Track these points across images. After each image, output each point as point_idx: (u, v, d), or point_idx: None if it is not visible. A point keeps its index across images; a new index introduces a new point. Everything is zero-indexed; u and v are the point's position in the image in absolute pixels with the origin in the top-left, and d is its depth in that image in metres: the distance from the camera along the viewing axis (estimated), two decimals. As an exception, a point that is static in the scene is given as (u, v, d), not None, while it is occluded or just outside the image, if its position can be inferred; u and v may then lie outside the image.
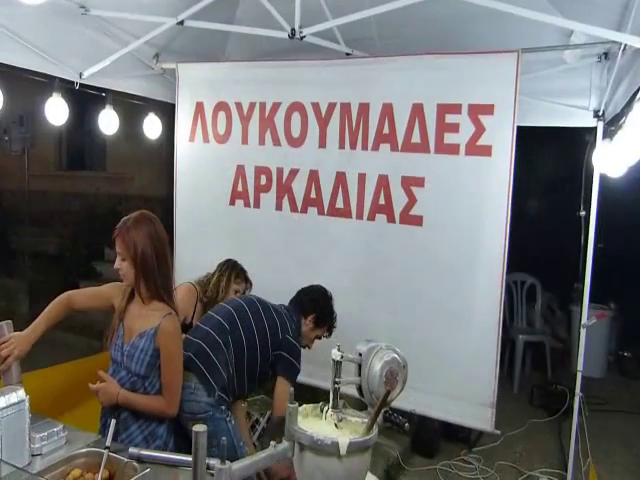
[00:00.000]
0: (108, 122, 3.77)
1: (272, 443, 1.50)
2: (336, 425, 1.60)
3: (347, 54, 3.41)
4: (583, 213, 3.65)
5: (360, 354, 1.69)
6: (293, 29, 2.80)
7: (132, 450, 1.83)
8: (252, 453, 2.82)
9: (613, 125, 3.42)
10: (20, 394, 1.81)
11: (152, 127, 4.10)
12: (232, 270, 3.20)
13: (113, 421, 1.91)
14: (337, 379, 1.62)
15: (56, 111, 3.37)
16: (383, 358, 1.67)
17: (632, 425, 4.60)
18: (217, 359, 2.45)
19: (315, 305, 2.83)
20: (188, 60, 3.81)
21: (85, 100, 4.27)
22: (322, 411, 1.65)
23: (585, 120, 3.45)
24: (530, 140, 3.58)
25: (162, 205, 2.12)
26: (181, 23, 3.16)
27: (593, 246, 3.41)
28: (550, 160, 5.68)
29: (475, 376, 3.04)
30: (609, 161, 3.10)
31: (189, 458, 1.85)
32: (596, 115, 3.39)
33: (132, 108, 4.22)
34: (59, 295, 2.22)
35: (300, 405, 1.56)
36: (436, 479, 3.70)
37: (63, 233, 7.52)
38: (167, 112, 4.21)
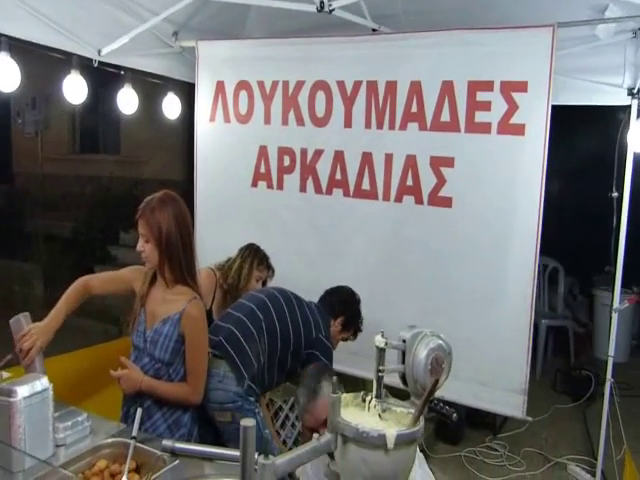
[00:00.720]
0: (127, 101, 3.67)
1: (315, 435, 1.44)
2: (380, 416, 1.53)
3: (373, 30, 3.30)
4: (616, 194, 3.55)
5: (404, 340, 1.62)
6: (322, 1, 2.69)
7: (166, 442, 1.77)
8: (277, 443, 2.78)
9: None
10: (44, 382, 1.77)
11: (171, 107, 4.01)
12: (255, 256, 3.12)
13: (139, 410, 1.86)
14: (381, 367, 1.55)
15: (75, 89, 3.26)
16: (428, 345, 1.59)
17: (658, 410, 4.52)
18: (249, 347, 2.38)
19: (344, 307, 2.77)
20: (208, 38, 3.70)
21: (102, 79, 4.19)
22: (364, 401, 1.58)
23: (619, 98, 3.33)
24: (560, 119, 3.48)
25: (179, 189, 2.06)
26: (201, -2, 3.06)
27: (626, 229, 3.32)
28: (579, 140, 5.54)
29: (507, 361, 2.97)
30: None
31: (224, 451, 1.80)
32: (630, 93, 3.26)
33: (150, 88, 4.12)
34: (75, 280, 2.15)
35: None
36: (461, 466, 3.65)
37: (77, 217, 7.49)
38: (186, 92, 4.12)
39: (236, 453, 1.55)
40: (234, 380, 2.30)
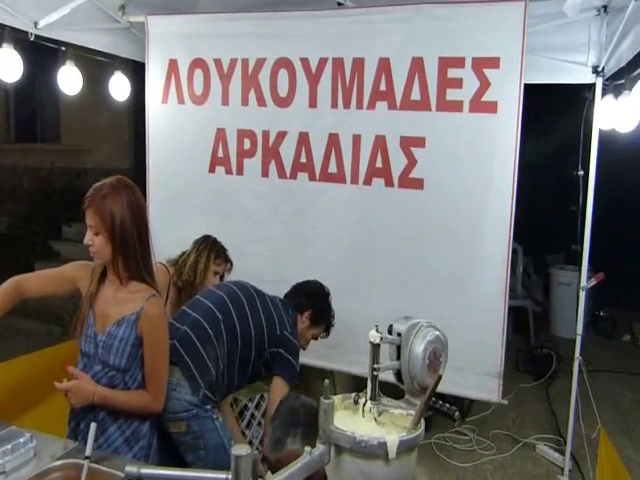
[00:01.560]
0: (69, 80, 3.35)
1: (306, 449, 1.29)
2: (376, 420, 1.39)
3: (339, 4, 3.13)
4: (581, 173, 3.55)
5: (399, 334, 1.48)
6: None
7: (130, 469, 1.56)
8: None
9: (616, 80, 3.31)
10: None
11: (119, 88, 3.71)
12: (211, 249, 2.88)
13: (93, 425, 1.61)
14: (376, 365, 1.41)
15: (8, 65, 2.90)
16: (426, 338, 1.46)
17: (615, 384, 4.65)
18: (206, 354, 2.16)
19: (311, 300, 2.57)
20: (158, 13, 3.43)
21: (40, 57, 3.83)
22: (356, 403, 1.44)
23: (584, 76, 3.31)
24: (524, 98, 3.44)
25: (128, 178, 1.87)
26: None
27: (592, 207, 3.32)
28: (544, 118, 5.57)
29: (482, 346, 2.91)
30: (619, 116, 2.98)
31: (199, 474, 1.61)
32: (595, 71, 3.25)
33: (95, 67, 3.80)
34: (6, 281, 1.88)
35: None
36: (431, 453, 3.60)
37: (15, 211, 6.98)
38: (135, 71, 3.83)
39: (212, 475, 1.38)
40: (188, 389, 2.09)
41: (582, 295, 3.37)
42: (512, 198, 2.84)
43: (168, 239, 3.37)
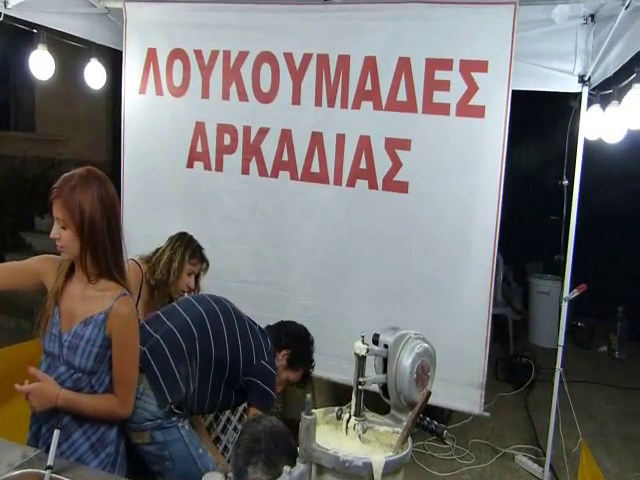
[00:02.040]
0: (42, 65, 3.18)
1: (285, 469, 1.19)
2: (360, 437, 1.30)
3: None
4: (566, 182, 3.51)
5: (386, 345, 1.39)
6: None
7: None
8: (217, 458, 2.47)
9: (602, 90, 3.28)
10: None
11: (95, 76, 3.56)
12: (187, 247, 2.73)
13: (56, 432, 1.51)
14: (361, 379, 1.32)
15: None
16: (414, 350, 1.39)
17: (593, 395, 4.63)
18: (177, 369, 2.02)
19: (291, 341, 2.39)
20: (137, -1, 3.30)
21: (12, 41, 3.64)
22: (339, 418, 1.34)
23: (570, 85, 3.28)
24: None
25: (103, 171, 1.75)
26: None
27: (576, 217, 3.29)
28: (524, 126, 5.54)
29: (465, 356, 2.84)
30: (606, 126, 2.95)
31: None
32: (581, 80, 3.22)
33: (70, 53, 3.62)
34: None
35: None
36: (410, 462, 3.48)
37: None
38: (112, 59, 3.68)
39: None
40: (154, 400, 1.96)
41: (564, 306, 3.33)
42: (498, 206, 2.78)
43: (141, 235, 3.27)
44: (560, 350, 3.31)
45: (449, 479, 3.41)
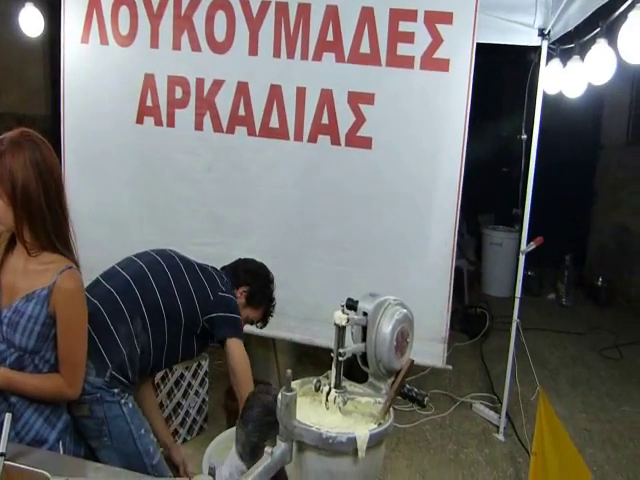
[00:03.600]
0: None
1: (267, 450, 1.14)
2: (340, 410, 1.27)
3: (283, -60, 2.83)
4: (525, 137, 3.53)
5: (365, 313, 1.35)
6: None
7: None
8: (168, 439, 2.39)
9: (563, 44, 3.27)
10: None
11: (31, 22, 3.25)
12: None
13: (8, 416, 1.40)
14: (341, 350, 1.27)
15: None
16: (394, 317, 1.34)
17: (543, 342, 4.83)
18: (116, 330, 1.93)
19: (250, 278, 2.34)
20: None
21: None
22: (318, 390, 1.30)
23: (530, 38, 3.25)
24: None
25: (40, 127, 1.58)
26: None
27: (534, 171, 3.32)
28: (483, 80, 5.52)
29: (428, 310, 2.85)
30: (567, 81, 2.95)
31: None
32: (541, 33, 3.19)
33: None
34: None
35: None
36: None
37: None
38: (50, 4, 3.36)
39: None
40: (93, 369, 1.87)
41: (522, 259, 3.40)
42: (462, 159, 2.76)
43: (87, 201, 3.10)
44: (517, 302, 3.40)
45: (410, 430, 3.50)
